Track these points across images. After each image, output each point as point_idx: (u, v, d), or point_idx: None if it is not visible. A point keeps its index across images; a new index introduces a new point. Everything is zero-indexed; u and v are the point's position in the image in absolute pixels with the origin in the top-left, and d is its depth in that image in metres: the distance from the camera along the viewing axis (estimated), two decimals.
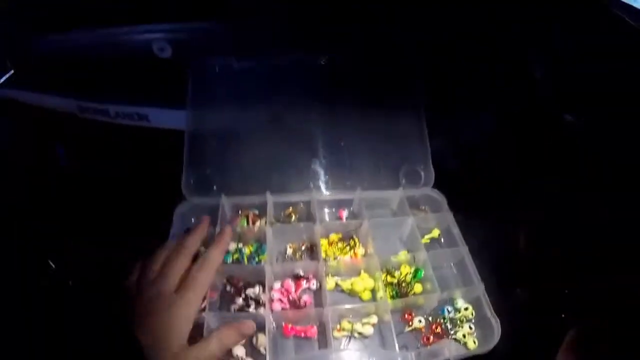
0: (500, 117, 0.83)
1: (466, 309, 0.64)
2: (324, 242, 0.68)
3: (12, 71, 0.79)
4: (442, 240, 0.71)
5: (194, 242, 0.55)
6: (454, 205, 0.74)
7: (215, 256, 0.55)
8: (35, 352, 0.59)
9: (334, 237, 0.68)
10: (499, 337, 0.60)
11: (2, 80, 0.79)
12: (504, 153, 0.83)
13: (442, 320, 0.63)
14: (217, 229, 0.64)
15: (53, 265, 0.72)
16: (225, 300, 0.63)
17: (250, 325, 0.54)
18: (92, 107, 0.80)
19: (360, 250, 0.67)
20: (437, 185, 0.75)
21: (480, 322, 0.63)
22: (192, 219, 0.71)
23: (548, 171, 0.77)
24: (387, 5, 0.75)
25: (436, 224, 0.71)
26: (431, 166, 0.74)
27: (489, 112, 0.84)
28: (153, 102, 0.79)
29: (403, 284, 0.64)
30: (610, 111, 0.71)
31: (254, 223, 0.70)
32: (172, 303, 0.50)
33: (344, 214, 0.72)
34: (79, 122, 0.82)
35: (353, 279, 0.65)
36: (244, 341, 0.58)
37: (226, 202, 0.70)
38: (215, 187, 0.72)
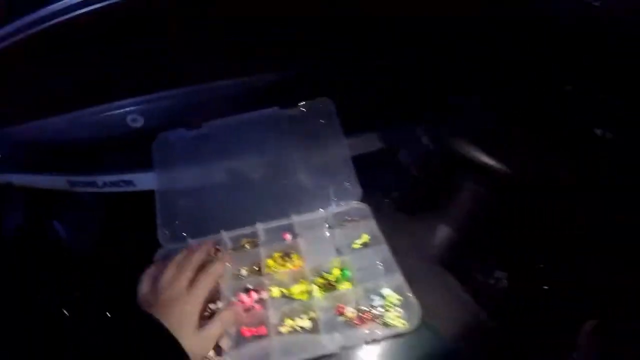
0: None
1: (390, 296, 0.74)
2: (269, 261, 0.81)
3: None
4: (371, 243, 0.83)
5: (200, 256, 0.75)
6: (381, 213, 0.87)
7: (216, 267, 0.74)
8: None
9: (276, 255, 0.81)
10: (420, 316, 0.70)
11: None
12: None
13: (370, 309, 0.74)
14: None
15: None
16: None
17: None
18: (81, 180, 0.93)
19: (299, 263, 0.80)
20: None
21: (405, 305, 0.73)
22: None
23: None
24: None
25: (364, 231, 0.83)
26: (357, 182, 0.87)
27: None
28: (135, 168, 0.92)
29: (332, 283, 0.76)
30: None
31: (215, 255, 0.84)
32: (185, 297, 0.68)
33: (288, 236, 0.84)
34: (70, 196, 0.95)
35: (293, 286, 0.77)
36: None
37: (192, 244, 0.85)
38: (185, 234, 0.87)
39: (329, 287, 0.76)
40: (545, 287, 0.76)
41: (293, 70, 0.95)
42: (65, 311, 0.81)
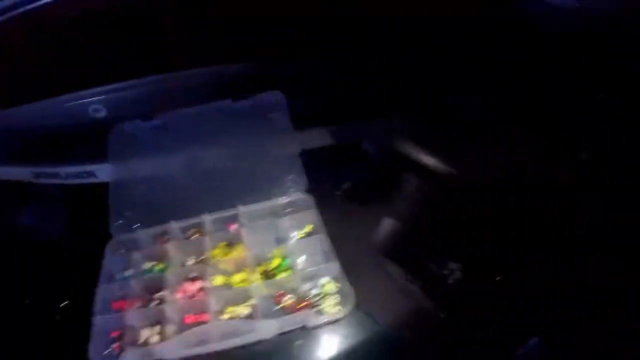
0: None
1: (327, 284, 0.77)
2: (215, 251, 0.84)
3: None
4: (313, 234, 0.85)
5: None
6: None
7: None
8: None
9: (221, 245, 0.84)
10: (354, 302, 0.73)
11: None
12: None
13: (308, 296, 0.77)
14: (138, 255, 0.83)
15: None
16: (147, 305, 0.78)
17: None
18: (45, 172, 0.95)
19: (243, 252, 0.82)
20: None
21: (341, 293, 0.76)
22: (121, 251, 0.87)
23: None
24: None
25: (308, 221, 0.86)
26: (304, 175, 0.90)
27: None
28: (97, 159, 0.94)
29: (272, 272, 0.78)
30: None
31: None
32: None
33: (234, 226, 0.87)
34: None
35: (235, 275, 0.80)
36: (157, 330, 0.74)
37: (143, 235, 0.87)
38: (136, 225, 0.89)
39: (269, 275, 0.78)
40: (498, 279, 0.78)
41: (246, 64, 0.97)
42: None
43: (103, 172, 0.95)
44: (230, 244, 0.84)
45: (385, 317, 0.76)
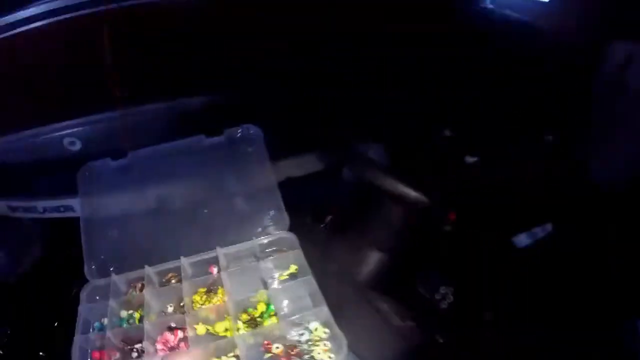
0: None
1: (317, 329, 0.74)
2: (195, 297, 0.79)
3: None
4: (299, 275, 0.82)
5: None
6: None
7: None
8: None
9: (201, 290, 0.79)
10: (346, 347, 0.70)
11: None
12: None
13: (297, 344, 0.73)
14: (114, 303, 0.78)
15: None
16: (125, 357, 0.74)
17: None
18: (21, 205, 0.91)
19: (224, 299, 0.78)
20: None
21: (332, 338, 0.73)
22: (97, 297, 0.82)
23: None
24: None
25: (292, 261, 0.82)
26: (285, 213, 0.86)
27: None
28: (75, 193, 0.89)
29: (257, 319, 0.74)
30: None
31: (140, 291, 0.81)
32: None
33: (214, 269, 0.82)
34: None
35: (218, 323, 0.75)
36: None
37: (118, 280, 0.82)
38: (111, 269, 0.83)
39: (254, 323, 0.74)
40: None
41: (219, 96, 0.93)
42: None
43: None
44: (211, 289, 0.79)
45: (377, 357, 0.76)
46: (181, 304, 0.79)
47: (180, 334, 0.75)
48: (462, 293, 0.81)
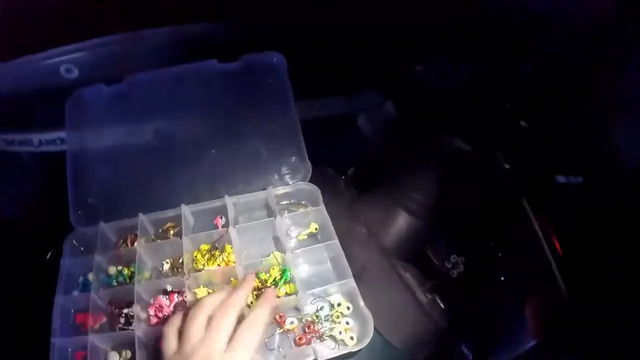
0: None
1: (339, 304, 0.61)
2: (197, 255, 0.67)
3: None
4: (319, 236, 0.69)
5: (239, 301, 0.52)
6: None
7: (258, 315, 0.52)
8: None
9: (204, 247, 0.67)
10: (372, 330, 0.58)
11: None
12: None
13: (315, 319, 0.61)
14: (101, 258, 0.67)
15: None
16: (113, 321, 0.64)
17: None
18: (16, 139, 0.82)
19: (232, 257, 0.65)
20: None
21: (355, 316, 0.61)
22: (81, 248, 0.71)
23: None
24: None
25: (313, 219, 0.69)
26: (307, 160, 0.72)
27: None
28: None
29: (267, 287, 0.62)
30: None
31: (132, 244, 0.69)
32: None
33: (221, 221, 0.69)
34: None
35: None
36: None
37: (107, 229, 0.70)
38: (100, 215, 0.71)
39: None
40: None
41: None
42: None
43: None
44: (216, 246, 0.67)
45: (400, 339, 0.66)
46: (180, 261, 0.66)
47: (176, 298, 0.63)
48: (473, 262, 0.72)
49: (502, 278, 0.69)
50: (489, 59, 0.82)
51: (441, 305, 0.69)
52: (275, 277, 0.63)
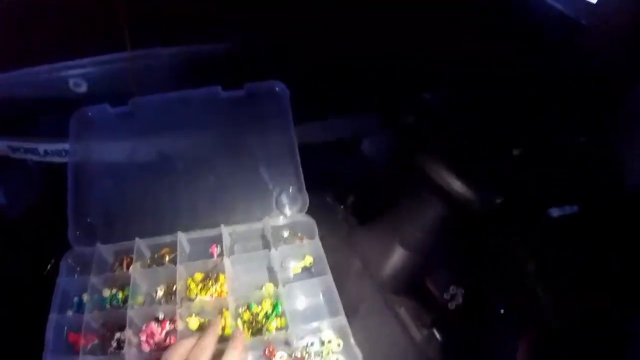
0: None
1: (330, 341, 0.61)
2: (190, 283, 0.67)
3: None
4: (313, 269, 0.69)
5: (209, 345, 0.53)
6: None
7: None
8: None
9: (198, 276, 0.67)
10: None
11: None
12: None
13: (305, 355, 0.61)
14: (96, 279, 0.67)
15: None
16: (105, 343, 0.64)
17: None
18: (22, 146, 0.83)
19: (225, 289, 0.65)
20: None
21: (345, 353, 0.61)
22: (78, 268, 0.71)
23: None
24: None
25: (308, 251, 0.69)
26: (305, 191, 0.72)
27: None
28: None
29: (258, 320, 0.62)
30: None
31: (128, 267, 0.69)
32: None
33: (216, 250, 0.70)
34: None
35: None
36: None
37: (104, 250, 0.70)
38: (98, 236, 0.71)
39: (256, 324, 0.62)
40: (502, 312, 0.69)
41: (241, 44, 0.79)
42: None
43: None
44: (209, 275, 0.67)
45: None
46: (173, 288, 0.66)
47: (168, 326, 0.63)
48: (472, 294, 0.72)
49: (502, 311, 0.69)
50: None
51: (438, 338, 0.69)
52: (267, 311, 0.63)
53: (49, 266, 0.76)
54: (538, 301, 0.61)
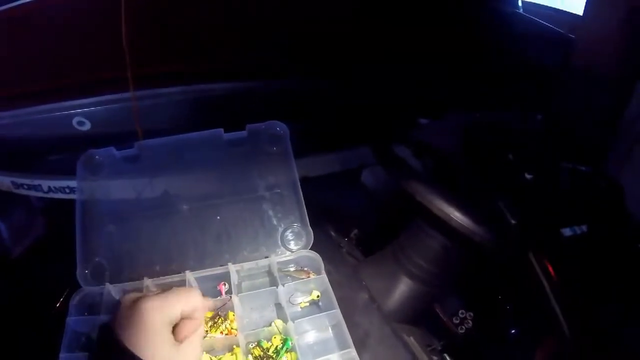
0: None
1: None
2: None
3: None
4: (321, 303, 0.70)
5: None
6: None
7: None
8: None
9: (207, 314, 0.68)
10: None
11: None
12: None
13: None
14: (104, 318, 0.66)
15: None
16: None
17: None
18: (26, 183, 0.86)
19: (234, 326, 0.66)
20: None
21: None
22: (87, 308, 0.72)
23: None
24: None
25: (315, 286, 0.71)
26: (309, 227, 0.74)
27: None
28: None
29: (269, 355, 0.63)
30: None
31: None
32: None
33: (224, 288, 0.71)
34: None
35: (224, 355, 0.64)
36: None
37: (113, 290, 0.71)
38: (106, 275, 0.73)
39: (268, 359, 0.63)
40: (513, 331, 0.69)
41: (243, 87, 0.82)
42: None
43: None
44: (219, 314, 0.68)
45: None
46: None
47: None
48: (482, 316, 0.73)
49: (513, 331, 0.70)
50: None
51: None
52: (277, 346, 0.64)
53: (57, 304, 0.76)
54: (555, 318, 0.62)
